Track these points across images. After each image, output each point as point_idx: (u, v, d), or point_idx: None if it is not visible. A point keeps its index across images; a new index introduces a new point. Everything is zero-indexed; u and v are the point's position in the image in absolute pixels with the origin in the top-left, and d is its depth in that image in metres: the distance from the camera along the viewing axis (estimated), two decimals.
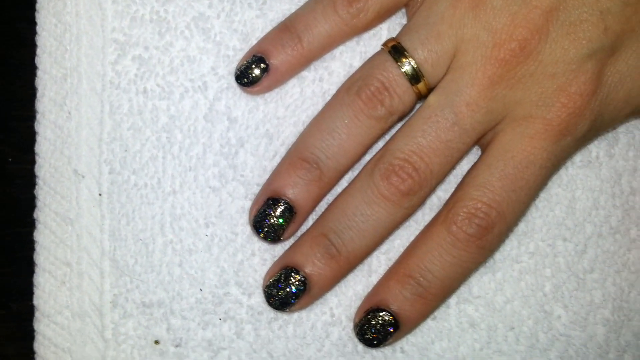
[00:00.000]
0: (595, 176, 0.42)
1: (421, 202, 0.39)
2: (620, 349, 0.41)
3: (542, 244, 0.42)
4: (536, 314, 0.42)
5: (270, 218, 0.39)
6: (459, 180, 0.40)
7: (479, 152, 0.41)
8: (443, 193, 0.42)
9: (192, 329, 0.42)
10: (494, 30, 0.37)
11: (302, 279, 0.39)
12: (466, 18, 0.37)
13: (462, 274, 0.39)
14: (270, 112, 0.42)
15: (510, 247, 0.42)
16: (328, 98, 0.41)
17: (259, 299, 0.41)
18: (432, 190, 0.39)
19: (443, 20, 0.38)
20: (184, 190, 0.42)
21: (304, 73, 0.42)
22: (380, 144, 0.41)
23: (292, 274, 0.39)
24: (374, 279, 0.42)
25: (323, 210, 0.41)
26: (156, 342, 0.42)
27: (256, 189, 0.41)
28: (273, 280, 0.40)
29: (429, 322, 0.42)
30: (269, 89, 0.41)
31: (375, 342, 0.40)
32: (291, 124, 0.42)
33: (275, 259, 0.41)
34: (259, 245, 0.42)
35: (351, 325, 0.41)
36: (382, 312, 0.39)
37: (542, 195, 0.42)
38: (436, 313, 0.42)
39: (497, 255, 0.42)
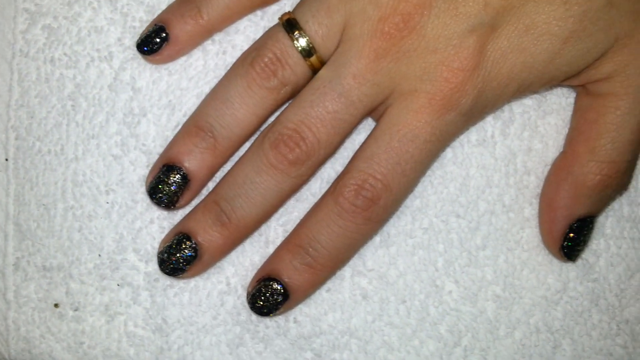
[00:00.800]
0: (490, 155, 0.42)
1: (311, 172, 0.40)
2: (511, 325, 0.42)
3: (435, 220, 0.42)
4: (428, 288, 0.42)
5: (164, 184, 0.40)
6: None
7: None
8: None
9: (90, 294, 0.42)
10: (379, 4, 0.38)
11: (194, 245, 0.40)
12: None
13: (350, 245, 0.40)
14: (174, 84, 0.43)
15: (404, 222, 0.42)
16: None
17: (155, 266, 0.42)
18: (321, 160, 0.40)
19: None
20: (86, 157, 0.43)
21: (208, 46, 0.43)
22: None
23: (185, 240, 0.40)
24: (271, 249, 0.42)
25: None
26: (56, 305, 0.43)
27: (157, 158, 0.42)
28: (166, 247, 0.41)
29: (323, 294, 0.42)
30: (171, 58, 0.42)
31: (265, 311, 0.41)
32: (194, 95, 0.43)
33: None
34: (158, 213, 0.42)
35: (244, 293, 0.42)
36: (272, 281, 0.40)
37: (437, 172, 0.42)
38: (330, 285, 0.42)
39: (392, 230, 0.42)
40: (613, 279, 0.42)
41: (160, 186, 0.41)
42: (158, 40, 0.41)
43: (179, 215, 0.42)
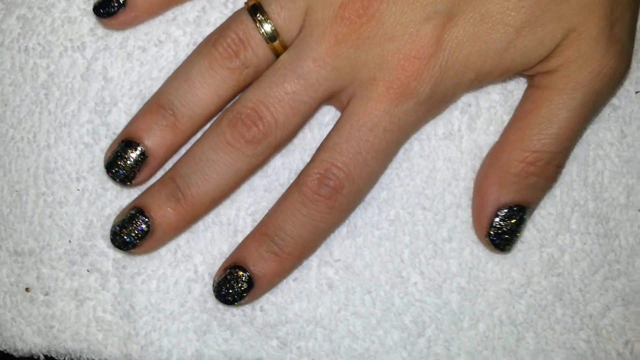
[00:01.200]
0: (457, 148, 0.43)
1: (268, 153, 0.40)
2: (475, 317, 0.42)
3: (402, 212, 0.43)
4: (393, 279, 0.42)
5: (122, 160, 0.41)
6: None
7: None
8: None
9: (60, 279, 0.43)
10: None
11: (147, 220, 0.41)
12: None
13: (315, 233, 0.40)
14: (145, 74, 0.43)
15: (371, 214, 0.43)
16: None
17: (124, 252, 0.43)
18: (279, 141, 0.40)
19: None
20: (58, 145, 0.43)
21: (180, 37, 0.43)
22: None
23: (138, 215, 0.41)
24: (239, 238, 0.43)
25: None
26: (27, 289, 0.43)
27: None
28: (119, 221, 0.41)
29: (290, 283, 0.43)
30: (126, 24, 0.42)
31: (230, 299, 0.41)
32: None
33: None
34: (128, 200, 0.43)
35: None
36: (237, 269, 0.41)
37: (404, 164, 0.43)
38: (297, 274, 0.43)
39: (358, 221, 0.43)
40: (577, 274, 0.42)
41: (117, 161, 0.41)
42: (116, 4, 0.41)
43: None
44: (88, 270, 0.43)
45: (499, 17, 0.38)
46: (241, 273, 0.41)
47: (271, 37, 0.40)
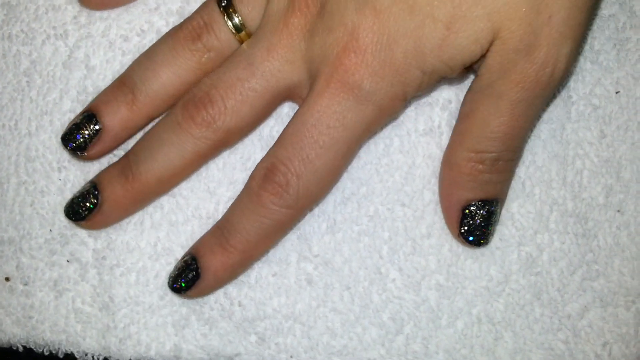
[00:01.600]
0: (436, 145, 0.43)
1: (215, 138, 0.40)
2: (453, 315, 0.42)
3: (381, 208, 0.43)
4: (372, 275, 0.42)
5: (78, 130, 0.41)
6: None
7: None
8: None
9: (40, 269, 0.43)
10: None
11: (97, 194, 0.41)
12: None
13: (260, 229, 0.40)
14: (127, 63, 0.43)
15: (350, 209, 0.43)
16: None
17: (104, 243, 0.43)
18: (227, 127, 0.40)
19: None
20: (39, 133, 0.43)
21: (162, 27, 0.43)
22: None
23: (92, 189, 0.41)
24: None
25: None
26: (7, 278, 0.43)
27: None
28: (74, 195, 0.42)
29: (269, 278, 0.43)
30: (104, 4, 0.43)
31: (176, 286, 0.41)
32: None
33: None
34: None
35: None
36: (187, 257, 0.41)
37: (383, 160, 0.43)
38: (276, 269, 0.43)
39: (338, 217, 0.43)
40: (556, 274, 0.42)
41: (73, 132, 0.41)
42: None
43: None
44: (68, 261, 0.43)
45: (427, 9, 0.36)
46: (190, 261, 0.41)
47: (237, 27, 0.40)
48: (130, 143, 0.43)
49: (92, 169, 0.43)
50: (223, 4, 0.40)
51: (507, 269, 0.42)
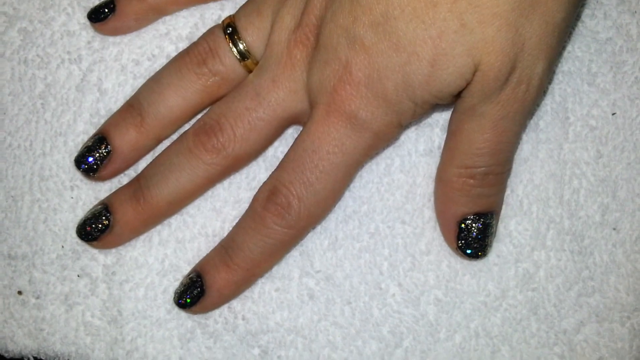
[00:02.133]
0: (436, 164, 0.44)
1: (225, 163, 0.42)
2: (451, 329, 0.43)
3: (382, 226, 0.44)
4: (372, 290, 0.44)
5: (89, 152, 0.43)
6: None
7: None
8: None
9: (52, 283, 0.45)
10: (294, 14, 0.41)
11: (109, 216, 0.43)
12: (279, 0, 0.41)
13: (263, 248, 0.42)
14: (138, 86, 0.45)
15: (352, 227, 0.44)
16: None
17: (114, 259, 0.44)
18: (237, 154, 0.42)
19: (265, 0, 0.42)
20: (53, 153, 0.45)
21: (172, 52, 0.45)
22: None
23: (103, 211, 0.43)
24: None
25: None
26: (19, 292, 0.45)
27: None
28: (88, 213, 0.43)
29: (272, 293, 0.44)
30: (117, 30, 0.45)
31: (181, 302, 0.43)
32: None
33: None
34: None
35: None
36: (193, 273, 0.43)
37: (385, 179, 0.44)
38: (279, 284, 0.44)
39: (340, 234, 0.44)
40: (552, 290, 0.43)
41: (85, 153, 0.43)
42: (106, 10, 0.44)
43: None
44: (79, 276, 0.44)
45: (411, 48, 0.37)
46: (195, 278, 0.43)
47: (241, 54, 0.42)
48: (141, 164, 0.44)
49: (103, 188, 0.45)
50: (228, 31, 0.42)
51: (505, 284, 0.43)
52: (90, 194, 0.45)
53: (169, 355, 0.44)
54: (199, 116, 0.44)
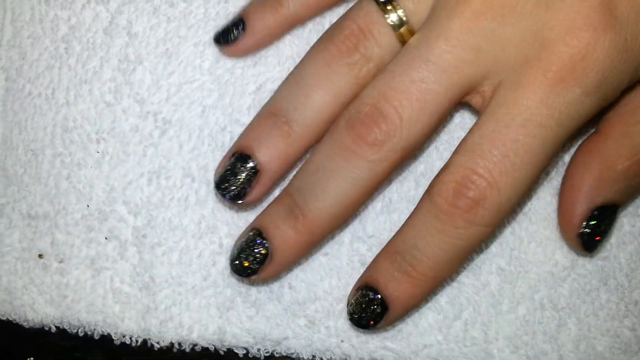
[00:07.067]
0: None
1: (393, 158, 0.34)
2: (514, 300, 0.40)
3: None
4: None
5: (232, 174, 0.37)
6: None
7: None
8: None
9: (76, 246, 0.41)
10: None
11: (265, 243, 0.37)
12: None
13: (452, 252, 0.35)
14: (172, 31, 0.40)
15: (407, 188, 0.40)
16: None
17: (144, 220, 0.40)
18: (405, 144, 0.34)
19: None
20: (77, 103, 0.41)
21: None
22: None
23: (257, 237, 0.37)
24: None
25: None
26: (40, 255, 0.41)
27: (150, 107, 0.40)
28: (239, 244, 0.38)
29: (320, 259, 0.40)
30: (247, 50, 0.39)
31: (364, 323, 0.37)
32: (192, 44, 0.41)
33: (166, 182, 0.40)
34: (149, 166, 0.40)
35: None
36: (369, 290, 0.37)
37: (443, 137, 0.40)
38: (328, 249, 0.40)
39: (394, 196, 0.40)
40: (624, 258, 0.40)
41: (228, 177, 0.37)
42: (235, 32, 0.38)
43: (171, 171, 0.40)
44: (106, 238, 0.40)
45: None
46: (372, 295, 0.37)
47: (398, 23, 0.34)
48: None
49: (132, 140, 0.40)
50: (386, 7, 0.34)
51: (574, 253, 0.40)
52: (117, 147, 0.40)
53: (206, 325, 0.40)
54: None
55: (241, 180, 0.36)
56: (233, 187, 0.37)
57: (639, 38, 0.32)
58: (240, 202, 0.37)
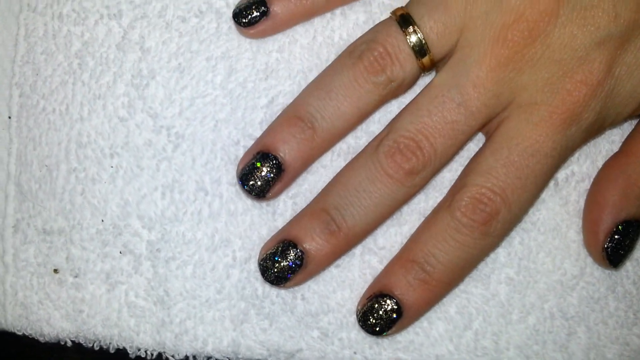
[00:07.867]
0: None
1: (424, 183, 0.39)
2: (524, 310, 0.41)
3: None
4: None
5: (256, 172, 0.39)
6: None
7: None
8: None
9: (91, 260, 0.41)
10: (503, 10, 0.37)
11: (300, 253, 0.38)
12: None
13: (466, 260, 0.38)
14: (184, 45, 0.41)
15: (417, 200, 0.41)
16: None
17: (158, 235, 0.41)
18: (435, 171, 0.39)
19: None
20: (91, 118, 0.41)
21: (222, 8, 0.41)
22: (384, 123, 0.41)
23: (290, 247, 0.39)
24: (279, 222, 0.41)
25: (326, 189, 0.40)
26: (55, 270, 0.41)
27: (164, 122, 0.41)
28: (269, 253, 0.39)
29: (333, 271, 0.41)
30: (265, 33, 0.40)
31: (377, 329, 0.39)
32: (204, 58, 0.41)
33: (179, 196, 0.41)
34: (163, 180, 0.41)
35: (251, 267, 0.41)
36: (384, 297, 0.39)
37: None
38: (340, 262, 0.41)
39: (404, 208, 0.41)
40: (631, 266, 0.41)
41: (252, 173, 0.39)
42: (257, 14, 0.39)
43: (185, 184, 0.41)
44: (121, 252, 0.41)
45: None
46: (388, 301, 0.39)
47: (421, 52, 0.38)
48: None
49: (145, 154, 0.41)
50: (409, 30, 0.38)
51: (582, 262, 0.41)
52: (131, 162, 0.41)
53: (220, 338, 0.41)
54: None
55: (265, 178, 0.39)
56: (257, 184, 0.39)
57: (625, 86, 0.37)
58: (262, 197, 0.39)
